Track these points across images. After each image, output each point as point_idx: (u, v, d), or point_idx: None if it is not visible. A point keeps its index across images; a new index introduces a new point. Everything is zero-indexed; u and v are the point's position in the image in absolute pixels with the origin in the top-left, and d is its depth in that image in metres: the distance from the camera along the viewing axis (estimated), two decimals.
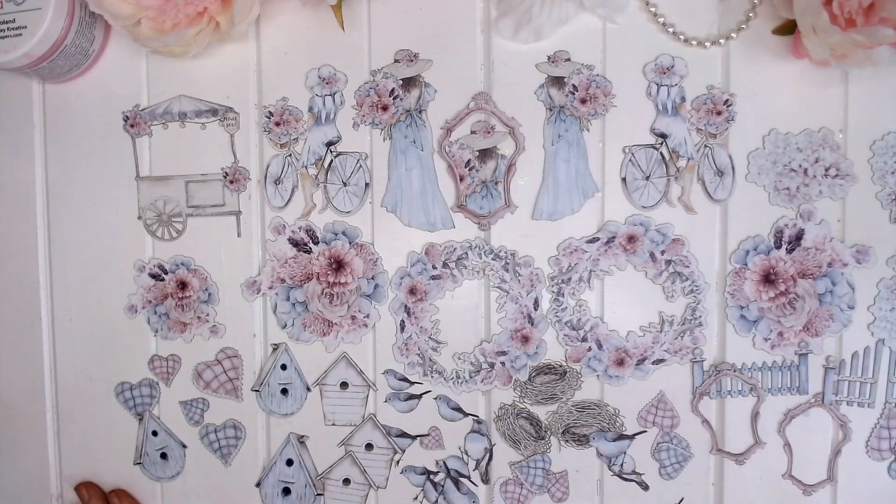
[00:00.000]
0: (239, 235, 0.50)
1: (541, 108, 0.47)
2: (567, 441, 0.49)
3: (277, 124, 0.49)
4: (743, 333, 0.47)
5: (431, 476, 0.50)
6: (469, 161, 0.48)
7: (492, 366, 0.49)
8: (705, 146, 0.47)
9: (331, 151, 0.49)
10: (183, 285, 0.51)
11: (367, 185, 0.49)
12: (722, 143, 0.46)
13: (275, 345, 0.50)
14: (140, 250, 0.51)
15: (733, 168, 0.46)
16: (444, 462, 0.50)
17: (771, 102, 0.46)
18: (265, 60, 0.49)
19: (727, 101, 0.46)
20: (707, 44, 0.46)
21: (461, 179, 0.48)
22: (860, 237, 0.46)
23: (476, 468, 0.49)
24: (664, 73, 0.46)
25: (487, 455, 0.49)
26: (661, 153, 0.47)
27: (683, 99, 0.46)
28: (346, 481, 0.51)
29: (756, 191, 0.46)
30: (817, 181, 0.46)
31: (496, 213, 0.48)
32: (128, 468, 0.52)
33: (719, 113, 0.46)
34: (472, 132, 0.48)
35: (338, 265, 0.49)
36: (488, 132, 0.47)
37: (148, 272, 0.51)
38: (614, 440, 0.48)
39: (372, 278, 0.49)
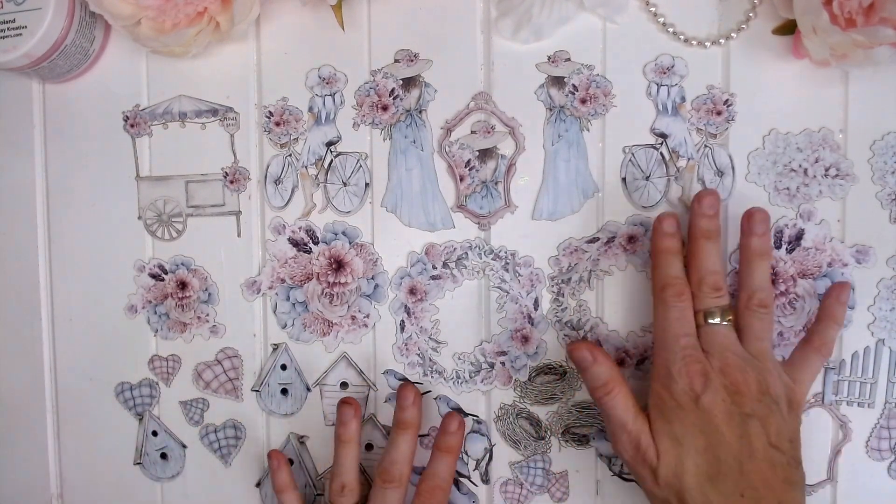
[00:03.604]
0: (239, 235, 0.50)
1: (541, 108, 0.47)
2: (567, 441, 0.49)
3: (277, 124, 0.49)
4: None
5: None
6: (469, 161, 0.48)
7: (492, 366, 0.49)
8: (705, 146, 0.47)
9: (331, 151, 0.49)
10: (183, 285, 0.51)
11: (367, 185, 0.49)
12: (722, 144, 0.46)
13: (275, 345, 0.50)
14: (140, 250, 0.51)
15: (733, 168, 0.46)
16: None
17: (771, 102, 0.46)
18: (265, 60, 0.49)
19: (727, 101, 0.46)
20: (707, 44, 0.46)
21: (461, 179, 0.48)
22: (860, 237, 0.46)
23: (476, 468, 0.50)
24: (664, 73, 0.46)
25: (487, 455, 0.49)
26: (661, 153, 0.47)
27: (683, 99, 0.46)
28: None
29: (756, 191, 0.46)
30: (817, 181, 0.46)
31: (496, 213, 0.48)
32: (128, 468, 0.52)
33: (719, 113, 0.46)
34: (472, 132, 0.48)
35: (338, 265, 0.49)
36: (488, 132, 0.48)
37: (148, 272, 0.51)
38: None
39: (372, 278, 0.49)
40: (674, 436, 0.40)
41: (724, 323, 0.41)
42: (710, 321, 0.41)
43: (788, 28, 0.44)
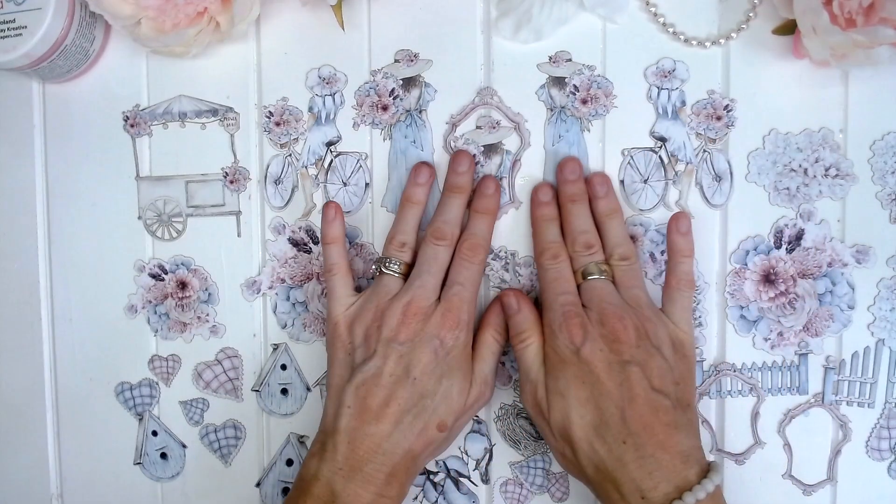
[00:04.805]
0: (239, 235, 0.50)
1: (541, 108, 0.47)
2: None
3: (277, 124, 0.49)
4: (743, 333, 0.47)
5: (431, 476, 0.50)
6: (474, 156, 0.48)
7: None
8: (704, 151, 0.47)
9: (331, 151, 0.49)
10: (183, 285, 0.51)
11: (367, 185, 0.49)
12: (721, 149, 0.46)
13: (275, 345, 0.50)
14: (140, 250, 0.51)
15: (731, 174, 0.46)
16: (444, 462, 0.50)
17: (771, 102, 0.46)
18: (265, 60, 0.49)
19: (727, 106, 0.46)
20: (707, 44, 0.46)
21: None
22: (860, 237, 0.46)
23: (476, 468, 0.50)
24: (665, 76, 0.46)
25: (487, 455, 0.49)
26: (660, 157, 0.47)
27: (684, 103, 0.46)
28: None
29: (756, 191, 0.46)
30: (817, 181, 0.46)
31: (501, 209, 0.48)
32: (128, 468, 0.52)
33: (719, 118, 0.46)
34: (478, 127, 0.48)
35: None
36: (493, 127, 0.47)
37: (148, 272, 0.51)
38: None
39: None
40: (559, 390, 0.41)
41: (601, 277, 0.43)
42: (589, 278, 0.43)
43: (788, 28, 0.44)
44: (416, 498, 0.50)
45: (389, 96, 0.48)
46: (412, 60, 0.48)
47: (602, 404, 0.40)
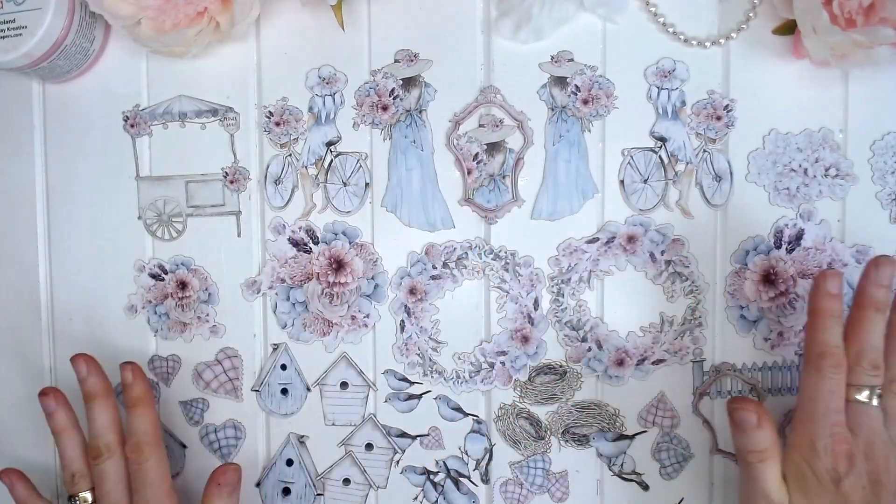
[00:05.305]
0: (239, 235, 0.50)
1: (542, 108, 0.47)
2: (567, 441, 0.49)
3: (277, 124, 0.49)
4: (743, 333, 0.47)
5: (431, 476, 0.50)
6: (477, 154, 0.48)
7: (492, 366, 0.49)
8: (704, 151, 0.47)
9: (331, 151, 0.49)
10: (183, 285, 0.51)
11: (367, 185, 0.49)
12: (721, 149, 0.46)
13: (275, 345, 0.50)
14: (140, 250, 0.51)
15: (731, 174, 0.46)
16: (444, 462, 0.50)
17: (771, 102, 0.46)
18: (265, 60, 0.49)
19: (727, 106, 0.46)
20: (707, 44, 0.46)
21: (469, 173, 0.48)
22: (860, 237, 0.46)
23: (476, 468, 0.50)
24: (665, 76, 0.46)
25: (487, 455, 0.49)
26: (660, 157, 0.47)
27: (684, 103, 0.46)
28: (346, 481, 0.51)
29: (756, 191, 0.46)
30: (817, 181, 0.46)
31: (503, 207, 0.48)
32: None
33: (719, 118, 0.46)
34: (481, 125, 0.48)
35: (338, 265, 0.49)
36: (497, 126, 0.47)
37: (148, 272, 0.51)
38: (614, 440, 0.48)
39: (372, 278, 0.49)
40: None
41: (874, 404, 0.39)
42: (859, 397, 0.39)
43: (788, 28, 0.44)
44: (416, 498, 0.50)
45: (389, 96, 0.48)
46: (412, 60, 0.48)
47: None
